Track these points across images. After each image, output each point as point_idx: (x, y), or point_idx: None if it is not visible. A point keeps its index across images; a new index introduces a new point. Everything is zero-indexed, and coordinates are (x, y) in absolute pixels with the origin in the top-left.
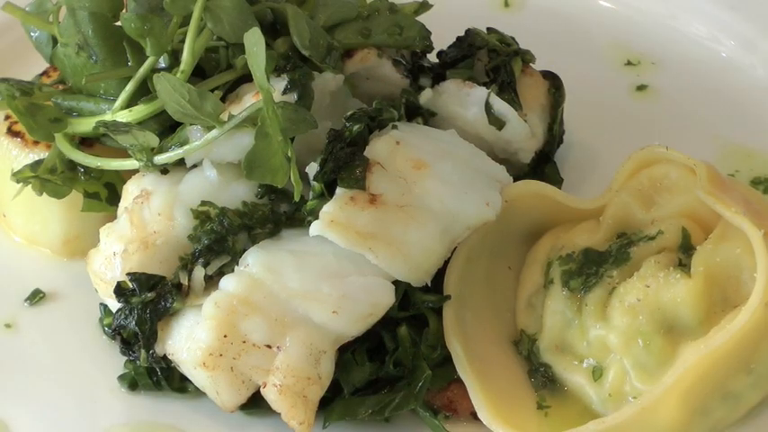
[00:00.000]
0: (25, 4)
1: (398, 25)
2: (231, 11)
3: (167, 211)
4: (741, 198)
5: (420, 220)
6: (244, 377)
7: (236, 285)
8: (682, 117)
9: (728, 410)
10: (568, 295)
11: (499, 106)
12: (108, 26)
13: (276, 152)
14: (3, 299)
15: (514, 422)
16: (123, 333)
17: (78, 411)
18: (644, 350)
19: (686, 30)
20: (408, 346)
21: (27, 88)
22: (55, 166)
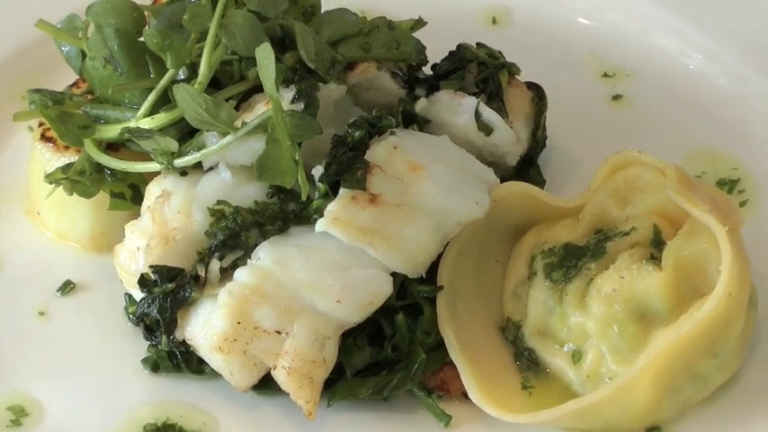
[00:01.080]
0: (56, 21)
1: (396, 40)
2: (244, 27)
3: (186, 209)
4: (707, 197)
5: (415, 218)
6: (255, 360)
7: (249, 277)
8: (653, 124)
9: (696, 390)
10: (550, 286)
11: (487, 114)
12: (132, 41)
13: (285, 156)
14: (36, 289)
15: (501, 401)
16: (146, 320)
17: (105, 391)
18: (619, 336)
19: (657, 44)
20: (405, 332)
21: (58, 98)
22: (84, 169)
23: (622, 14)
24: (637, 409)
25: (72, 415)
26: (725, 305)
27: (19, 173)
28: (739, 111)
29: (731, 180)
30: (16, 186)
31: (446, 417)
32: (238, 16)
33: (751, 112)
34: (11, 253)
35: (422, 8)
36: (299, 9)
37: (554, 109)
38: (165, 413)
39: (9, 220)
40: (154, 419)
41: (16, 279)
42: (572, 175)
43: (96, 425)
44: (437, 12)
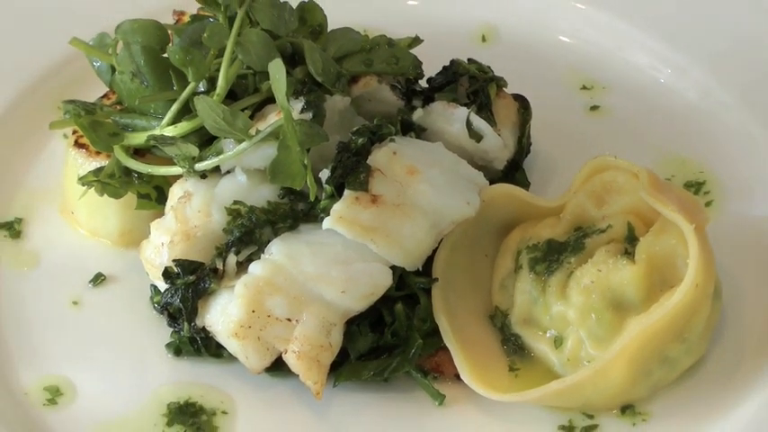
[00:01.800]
0: (88, 39)
1: (395, 56)
2: (258, 44)
3: (205, 209)
4: (676, 198)
5: (413, 217)
6: (268, 345)
7: (262, 270)
8: (627, 132)
9: (666, 372)
10: (534, 278)
11: (478, 123)
12: (157, 57)
13: (295, 161)
14: (70, 281)
15: (490, 382)
16: (170, 309)
17: (132, 373)
18: (596, 323)
19: (631, 60)
20: (403, 319)
21: (90, 108)
22: (113, 172)
23: (599, 33)
24: (612, 389)
25: (102, 394)
26: (692, 295)
27: (54, 176)
28: (705, 120)
29: (697, 182)
30: (52, 188)
31: (440, 396)
32: (253, 34)
33: (715, 121)
34: (47, 248)
35: (418, 27)
36: (308, 28)
37: (537, 118)
38: (187, 393)
39: (45, 219)
40: (176, 398)
41: (52, 272)
42: (554, 178)
43: (124, 403)
44: (432, 30)
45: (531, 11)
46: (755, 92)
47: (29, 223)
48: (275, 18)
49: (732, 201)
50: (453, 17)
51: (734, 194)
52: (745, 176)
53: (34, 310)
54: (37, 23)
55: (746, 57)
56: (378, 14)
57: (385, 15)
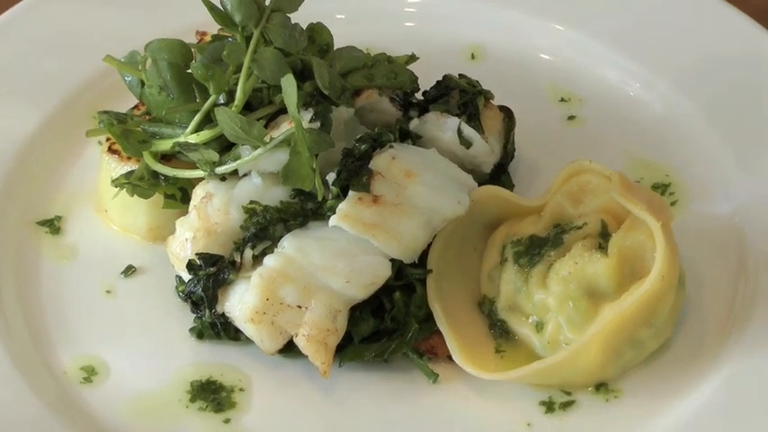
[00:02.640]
0: (120, 57)
1: (394, 72)
2: (271, 61)
3: (225, 208)
4: (644, 198)
5: (410, 215)
6: (281, 329)
7: (275, 262)
8: (601, 139)
9: (635, 354)
10: (518, 270)
11: (467, 131)
12: (181, 72)
13: (305, 165)
14: (104, 272)
15: (479, 362)
16: (193, 297)
17: (159, 354)
18: (574, 310)
19: (604, 75)
20: (401, 306)
21: (122, 118)
22: (143, 175)
23: (576, 52)
24: (587, 368)
25: (132, 373)
26: (659, 285)
27: (90, 179)
28: (669, 129)
29: (663, 184)
30: (88, 189)
31: (434, 375)
32: (267, 52)
33: (679, 130)
34: (83, 243)
35: (414, 46)
36: (316, 47)
37: (521, 127)
38: (208, 372)
39: (82, 217)
40: (199, 377)
41: (88, 264)
42: (535, 180)
43: (152, 381)
44: (427, 49)
45: (515, 31)
46: (714, 104)
47: (67, 221)
48: (287, 38)
49: (694, 201)
50: (446, 37)
51: (696, 195)
52: (705, 179)
53: (72, 298)
54: (75, 43)
55: (706, 73)
56: (378, 34)
57: (385, 35)
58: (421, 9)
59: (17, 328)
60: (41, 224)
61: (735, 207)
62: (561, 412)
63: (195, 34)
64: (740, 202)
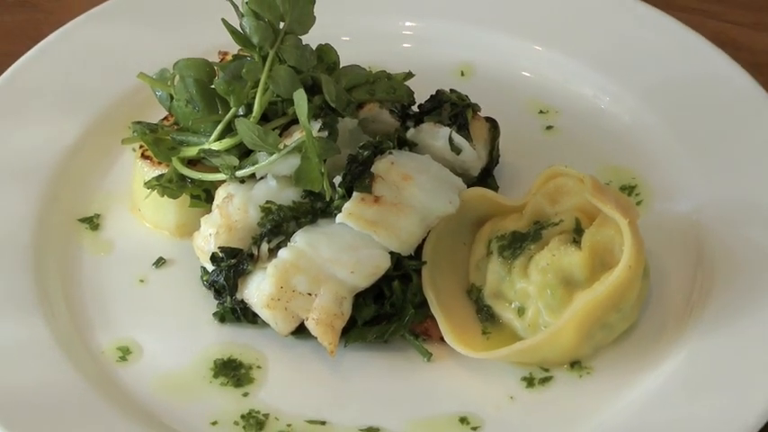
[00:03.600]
0: (152, 73)
1: (393, 87)
2: (285, 78)
3: (244, 207)
4: (613, 198)
5: (407, 213)
6: (293, 314)
7: (288, 255)
8: (575, 147)
9: (606, 335)
10: (502, 261)
11: (458, 140)
12: (206, 88)
13: (314, 169)
14: (138, 263)
15: (467, 343)
16: (216, 285)
17: (186, 336)
18: (551, 297)
19: (578, 90)
20: (399, 294)
21: (153, 128)
22: (172, 178)
23: (554, 70)
24: (563, 348)
25: (162, 353)
26: (626, 275)
27: (125, 181)
28: (636, 137)
29: (630, 186)
30: (123, 191)
31: (428, 354)
32: (281, 70)
33: (644, 138)
34: (119, 238)
35: (411, 64)
36: (324, 65)
37: (504, 136)
38: (229, 351)
39: (118, 215)
40: (221, 356)
41: (124, 256)
42: (517, 182)
43: (179, 359)
44: (422, 67)
45: (500, 52)
46: (675, 115)
47: (105, 218)
48: (299, 57)
49: (657, 201)
50: (438, 57)
51: (659, 196)
52: (667, 181)
53: (109, 286)
54: (112, 62)
55: (668, 89)
56: (379, 55)
57: (385, 55)
58: (416, 32)
59: (61, 313)
60: (82, 221)
61: (693, 206)
62: (540, 387)
63: (218, 54)
64: (698, 202)
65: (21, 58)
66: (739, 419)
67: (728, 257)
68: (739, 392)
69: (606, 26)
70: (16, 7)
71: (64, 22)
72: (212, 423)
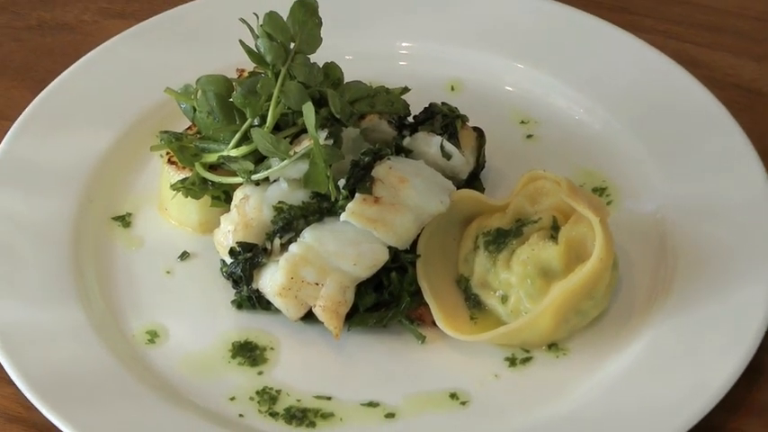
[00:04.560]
0: (177, 88)
1: (391, 101)
2: (295, 92)
3: (259, 206)
4: (586, 199)
5: (403, 212)
6: (302, 301)
7: (298, 249)
8: (552, 153)
9: (580, 320)
10: (488, 255)
11: (448, 147)
12: (225, 101)
13: (321, 173)
14: (165, 257)
15: (457, 327)
16: (234, 276)
17: (207, 321)
18: (531, 286)
19: (555, 103)
20: (396, 283)
21: (179, 136)
22: (195, 181)
23: (533, 85)
24: (542, 332)
25: (186, 336)
26: (598, 267)
27: (153, 184)
28: (606, 144)
29: (601, 188)
30: (152, 192)
31: (422, 336)
32: (292, 85)
33: (613, 145)
34: (148, 234)
35: (407, 80)
36: (330, 81)
37: (490, 143)
38: (246, 335)
39: (148, 214)
40: (238, 339)
41: (153, 250)
42: (501, 185)
43: (201, 341)
44: (416, 83)
45: (486, 69)
46: (640, 125)
47: (136, 216)
48: (307, 74)
49: (625, 200)
50: (431, 73)
51: (626, 196)
52: (634, 184)
53: (139, 277)
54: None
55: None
56: (378, 71)
57: (383, 72)
58: (411, 51)
59: (96, 301)
60: (115, 219)
61: (656, 205)
62: (521, 366)
63: (236, 71)
64: (661, 202)
65: (61, 74)
66: (697, 395)
67: (688, 251)
68: (698, 371)
69: (579, 47)
70: (58, 30)
71: (99, 43)
72: (230, 398)
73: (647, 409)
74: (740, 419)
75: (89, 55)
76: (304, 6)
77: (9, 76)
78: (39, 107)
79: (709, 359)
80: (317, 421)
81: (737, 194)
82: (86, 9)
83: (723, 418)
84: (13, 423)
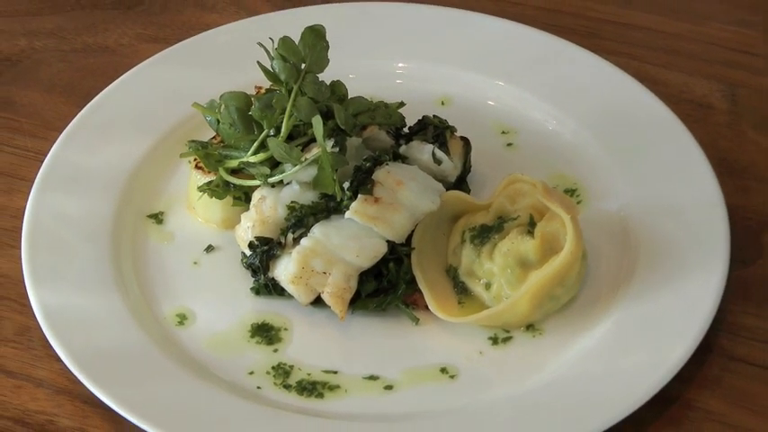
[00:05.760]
0: (203, 103)
1: (389, 114)
2: (306, 106)
3: (274, 206)
4: (559, 199)
5: (400, 211)
6: (312, 288)
7: (308, 242)
8: (529, 159)
9: (553, 304)
10: (473, 248)
11: (439, 154)
12: (245, 114)
13: (328, 176)
14: (192, 249)
15: (446, 310)
16: (252, 266)
17: (229, 306)
18: (511, 275)
19: (531, 116)
20: (394, 272)
21: (205, 145)
22: (219, 184)
23: (512, 100)
24: (520, 315)
25: (211, 319)
26: (569, 258)
27: (183, 186)
28: (576, 151)
29: (572, 189)
30: (182, 193)
31: (416, 319)
32: (303, 101)
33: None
34: (178, 230)
35: (403, 96)
36: (336, 96)
37: (475, 151)
38: (263, 317)
39: (177, 212)
40: (256, 320)
41: (182, 244)
42: (485, 187)
43: (224, 324)
44: (411, 98)
45: (472, 86)
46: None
47: (168, 214)
48: (316, 90)
49: (593, 200)
50: (424, 90)
51: (594, 197)
52: (600, 185)
53: (170, 267)
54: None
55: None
56: (378, 88)
57: (382, 89)
58: (406, 71)
59: (132, 288)
60: (150, 217)
61: (620, 205)
62: (503, 344)
63: (254, 88)
64: (624, 202)
65: (103, 90)
66: (656, 369)
67: (647, 244)
68: (656, 349)
69: (553, 67)
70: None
71: (135, 64)
72: (249, 373)
73: (611, 382)
74: (692, 391)
75: (127, 74)
76: (313, 32)
77: (57, 92)
78: (83, 120)
79: (665, 338)
80: (324, 393)
81: (690, 195)
82: (124, 34)
83: (678, 389)
84: (60, 394)
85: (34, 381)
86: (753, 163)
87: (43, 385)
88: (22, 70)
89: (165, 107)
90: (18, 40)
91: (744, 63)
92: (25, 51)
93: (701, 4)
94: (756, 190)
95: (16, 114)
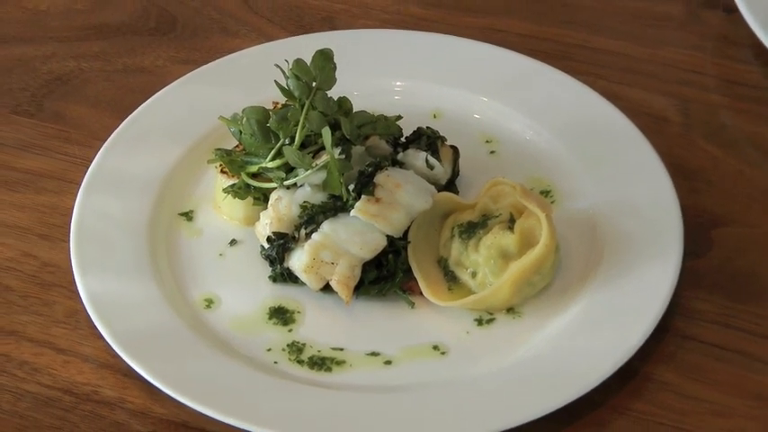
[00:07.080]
0: (228, 116)
1: (388, 125)
2: (316, 119)
3: (289, 205)
4: (535, 199)
5: (397, 209)
6: (322, 277)
7: (319, 237)
8: (510, 165)
9: (530, 290)
10: (461, 241)
11: (431, 160)
12: (263, 126)
13: (336, 180)
14: (218, 243)
15: (437, 295)
16: (270, 258)
17: (250, 291)
18: (494, 265)
19: (511, 127)
20: (392, 263)
21: (229, 152)
22: (241, 186)
23: (495, 113)
24: (502, 299)
25: (233, 303)
26: (544, 251)
27: (210, 188)
28: (550, 158)
29: (547, 190)
30: (209, 194)
31: (412, 303)
32: (314, 114)
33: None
34: (206, 226)
35: (400, 110)
36: (343, 110)
37: (462, 158)
38: (279, 301)
39: (205, 211)
40: (273, 304)
41: (209, 239)
42: (471, 189)
43: (246, 307)
44: (407, 112)
45: (460, 101)
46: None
47: (197, 213)
48: (326, 105)
49: (565, 201)
50: (418, 105)
51: (565, 197)
52: (571, 187)
53: (199, 259)
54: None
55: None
56: (378, 103)
57: (382, 104)
58: (403, 88)
59: (166, 276)
60: (181, 215)
61: (588, 204)
62: (487, 325)
63: (272, 103)
64: (591, 201)
65: (141, 105)
66: (619, 347)
67: (612, 239)
68: (620, 329)
69: (530, 85)
70: (138, 72)
71: (169, 83)
72: (267, 350)
73: (582, 358)
74: (651, 365)
75: (161, 91)
76: (323, 55)
77: (101, 107)
78: (124, 131)
79: (628, 320)
80: (332, 367)
81: (649, 196)
82: (159, 56)
83: (639, 365)
84: (103, 368)
85: (81, 356)
86: (703, 168)
87: (89, 360)
88: (71, 88)
89: (195, 120)
90: (68, 62)
91: (695, 82)
92: (74, 72)
93: (659, 32)
94: (706, 192)
95: (66, 126)
